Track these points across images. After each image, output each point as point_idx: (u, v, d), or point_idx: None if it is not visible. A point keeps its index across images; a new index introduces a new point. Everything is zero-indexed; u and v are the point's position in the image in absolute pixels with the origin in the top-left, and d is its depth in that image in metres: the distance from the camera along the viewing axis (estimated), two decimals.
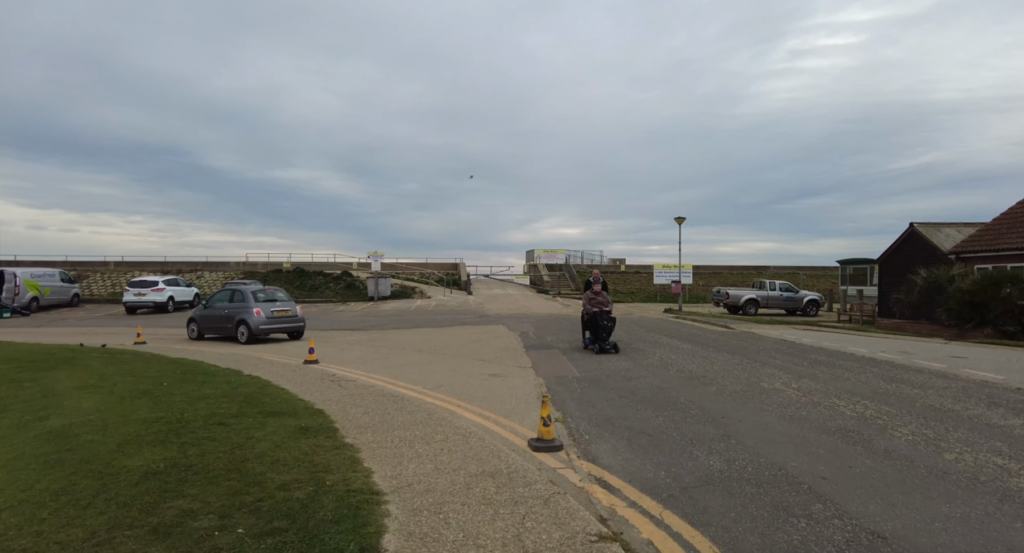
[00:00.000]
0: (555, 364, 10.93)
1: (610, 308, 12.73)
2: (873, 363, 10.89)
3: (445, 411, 6.91)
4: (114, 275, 37.51)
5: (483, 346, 13.86)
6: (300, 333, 16.66)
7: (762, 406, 7.16)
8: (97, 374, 8.37)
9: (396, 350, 13.33)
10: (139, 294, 27.34)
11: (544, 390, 8.42)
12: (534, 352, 12.65)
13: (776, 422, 6.35)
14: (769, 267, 45.90)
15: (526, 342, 14.45)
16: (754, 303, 28.73)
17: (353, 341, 15.43)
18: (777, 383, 8.72)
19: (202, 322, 16.74)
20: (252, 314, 15.53)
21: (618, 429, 6.16)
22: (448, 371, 10.22)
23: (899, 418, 6.49)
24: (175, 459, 4.43)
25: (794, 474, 4.62)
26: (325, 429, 5.73)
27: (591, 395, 8.01)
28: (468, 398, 7.83)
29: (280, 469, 4.35)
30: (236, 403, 6.70)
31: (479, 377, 9.55)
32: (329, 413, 6.57)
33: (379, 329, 18.94)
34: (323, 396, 7.71)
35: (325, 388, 8.37)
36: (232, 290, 16.86)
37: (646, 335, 16.16)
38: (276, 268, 40.06)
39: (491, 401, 7.64)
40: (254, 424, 5.74)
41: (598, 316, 12.39)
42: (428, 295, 36.57)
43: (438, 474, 4.47)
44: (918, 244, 25.04)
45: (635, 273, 43.84)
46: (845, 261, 31.63)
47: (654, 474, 4.70)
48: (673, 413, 6.84)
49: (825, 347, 13.45)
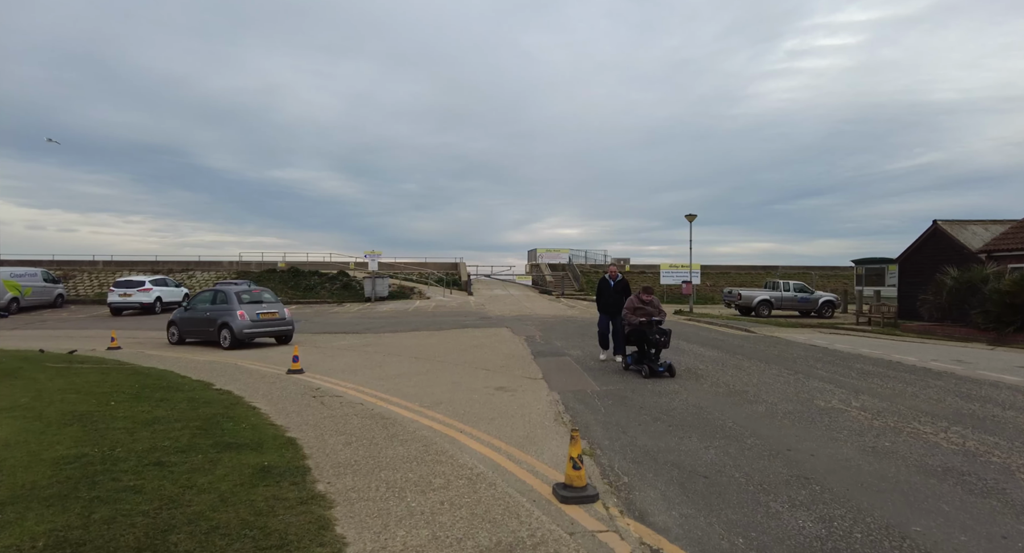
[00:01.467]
0: (569, 375, 9.68)
1: (662, 318, 9.79)
2: (932, 375, 9.64)
3: (445, 440, 5.66)
4: (102, 275, 36.22)
5: (486, 352, 12.62)
6: (289, 337, 15.41)
7: (830, 433, 5.92)
8: (34, 391, 7.12)
9: (391, 357, 12.09)
10: (124, 295, 26.08)
11: (561, 408, 7.18)
12: (543, 360, 11.41)
13: (859, 457, 5.10)
14: (778, 267, 44.68)
15: (533, 348, 13.21)
16: (767, 304, 27.50)
17: (345, 346, 14.19)
18: (834, 400, 7.47)
19: (183, 325, 15.49)
20: (235, 317, 14.29)
21: (662, 466, 4.92)
22: (448, 383, 8.98)
23: (1017, 453, 5.24)
24: (66, 532, 3.15)
25: (929, 548, 3.38)
26: (293, 470, 4.48)
27: (618, 416, 6.76)
28: (472, 420, 6.59)
29: (216, 546, 3.10)
30: (189, 431, 5.45)
31: (484, 391, 8.31)
32: (302, 444, 5.33)
33: (374, 332, 17.70)
34: (300, 418, 6.46)
35: (304, 407, 7.12)
36: (215, 291, 15.61)
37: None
38: (270, 268, 38.80)
39: (500, 424, 6.40)
40: (202, 463, 4.49)
41: (647, 329, 9.49)
42: (427, 296, 35.32)
43: (437, 548, 3.23)
44: (942, 242, 23.81)
45: (640, 273, 42.57)
46: (860, 261, 30.32)
47: (730, 544, 3.46)
48: (725, 443, 5.60)
49: (865, 354, 12.20)
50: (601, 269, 44.27)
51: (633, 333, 9.78)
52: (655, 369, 9.23)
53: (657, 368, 9.23)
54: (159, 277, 28.49)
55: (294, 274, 36.93)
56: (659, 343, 9.41)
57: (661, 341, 9.43)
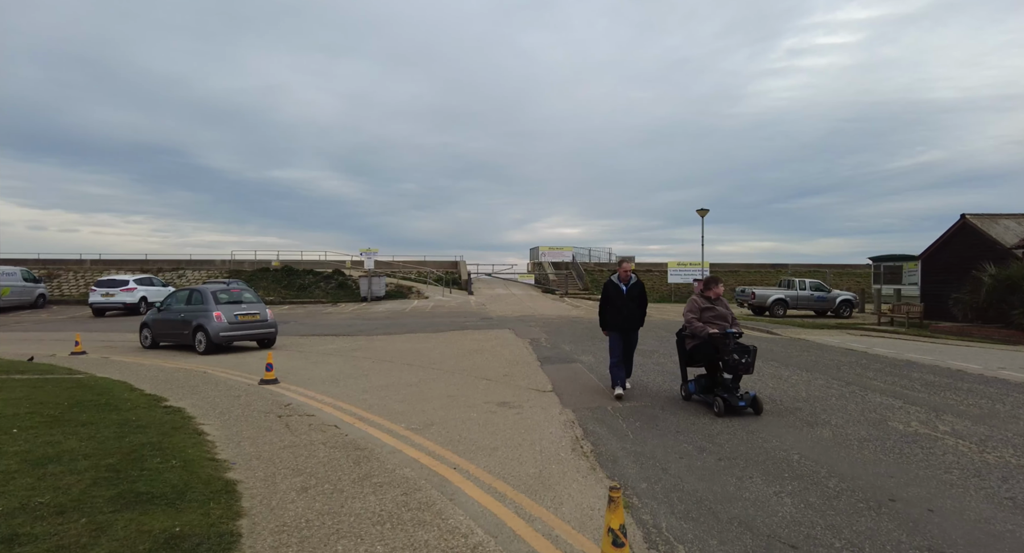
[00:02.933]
0: (583, 387, 8.35)
1: (738, 329, 6.91)
2: (1015, 388, 8.26)
3: (433, 482, 4.34)
4: (89, 274, 34.91)
5: (487, 358, 11.30)
6: (271, 340, 14.08)
7: (935, 472, 4.57)
8: None
9: (380, 364, 10.77)
10: (107, 294, 24.76)
11: (578, 432, 5.86)
12: (551, 367, 10.08)
13: (1002, 515, 3.76)
14: (788, 265, 43.29)
15: (539, 353, 11.88)
16: (783, 304, 26.12)
17: (332, 350, 12.87)
18: (914, 422, 6.12)
19: (156, 328, 14.17)
20: (211, 319, 12.96)
21: (727, 526, 3.59)
22: (442, 397, 7.65)
23: None
24: None
25: None
26: (214, 540, 3.16)
27: (652, 444, 5.43)
28: (469, 449, 5.27)
29: None
30: (92, 474, 4.13)
31: (484, 408, 6.98)
32: (243, 490, 4.01)
33: (366, 335, 16.37)
34: (253, 449, 5.14)
35: (265, 430, 5.80)
36: (190, 290, 14.28)
37: None
38: (264, 266, 37.48)
39: (504, 456, 5.08)
40: (80, 534, 3.16)
41: (721, 344, 6.63)
42: (426, 295, 33.99)
43: None
44: (971, 238, 22.42)
45: (646, 272, 41.19)
46: (878, 258, 28.95)
47: None
48: (800, 487, 4.26)
49: (916, 361, 10.84)
50: (607, 269, 42.75)
51: (700, 350, 6.88)
52: (734, 404, 6.41)
53: (737, 402, 6.42)
54: (144, 276, 27.16)
55: (288, 273, 35.60)
56: (739, 366, 6.54)
57: (742, 364, 6.53)
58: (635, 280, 7.77)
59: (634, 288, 7.71)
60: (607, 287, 7.78)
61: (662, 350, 12.05)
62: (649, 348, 12.42)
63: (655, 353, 11.67)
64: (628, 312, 7.62)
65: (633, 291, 7.69)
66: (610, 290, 7.74)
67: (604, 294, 7.79)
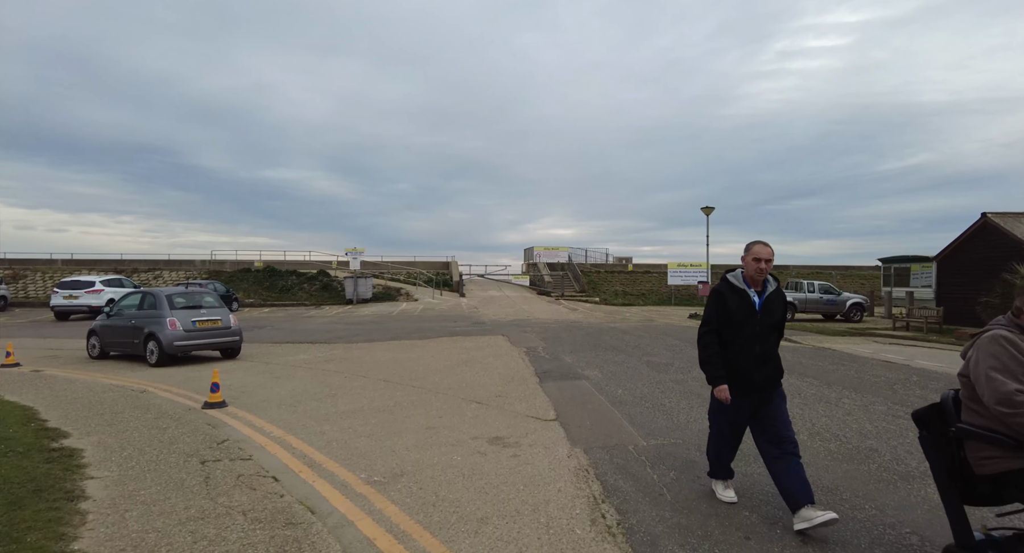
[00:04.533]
0: (594, 415, 6.86)
1: None
2: None
3: None
4: (59, 275, 33.05)
5: (478, 372, 9.79)
6: (235, 350, 12.50)
7: None
8: None
9: (353, 380, 9.24)
10: (70, 296, 23.01)
11: (596, 489, 4.37)
12: (553, 385, 8.60)
13: None
14: (790, 266, 42.05)
15: (537, 366, 10.39)
16: (791, 307, 24.76)
17: (302, 363, 11.31)
18: None
19: (105, 336, 12.54)
20: (164, 326, 11.37)
21: None
22: (420, 430, 6.14)
23: None
24: None
25: None
26: None
27: (703, 512, 3.94)
28: (449, 521, 3.76)
29: None
30: None
31: (471, 447, 5.48)
32: None
33: (346, 342, 14.82)
34: (139, 526, 3.61)
35: (173, 489, 4.27)
36: (143, 293, 12.67)
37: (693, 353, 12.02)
38: (246, 267, 35.74)
39: (497, 532, 3.58)
40: None
41: None
42: (415, 297, 32.42)
43: None
44: (993, 237, 21.11)
45: (644, 273, 39.85)
46: (888, 259, 27.67)
47: None
48: None
49: None
50: (605, 269, 41.29)
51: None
52: None
53: None
54: (112, 277, 25.39)
55: (270, 274, 33.92)
56: None
57: None
58: (775, 288, 3.97)
59: (772, 300, 3.92)
60: (720, 297, 3.94)
61: (677, 363, 10.58)
62: (662, 360, 10.96)
63: (670, 367, 10.21)
64: (763, 349, 3.82)
65: (771, 306, 3.91)
66: (730, 302, 3.88)
67: (716, 309, 3.94)
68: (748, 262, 3.90)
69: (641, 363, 10.63)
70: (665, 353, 11.95)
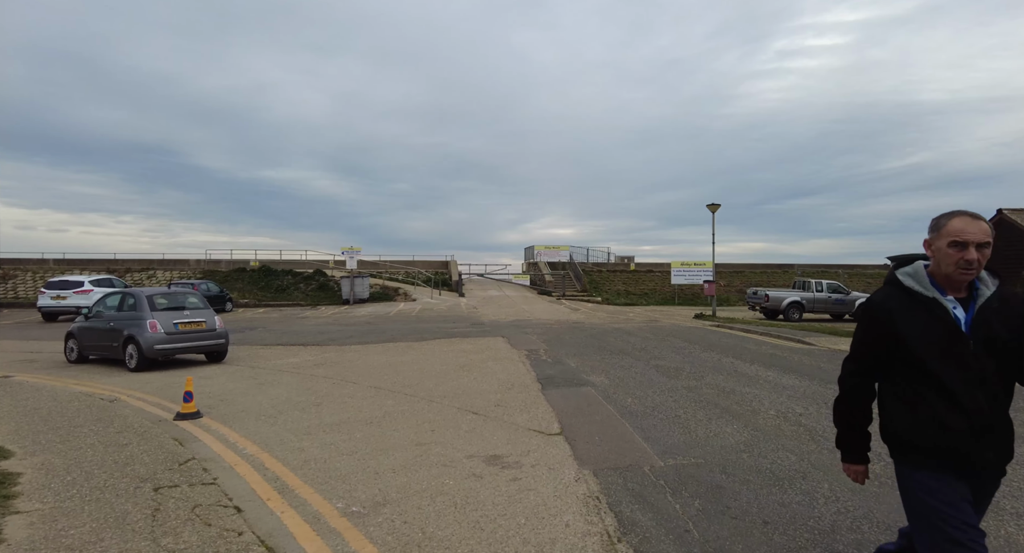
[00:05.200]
0: (603, 428, 6.21)
1: None
2: None
3: None
4: (50, 274, 32.44)
5: (476, 378, 9.14)
6: (221, 353, 11.86)
7: None
8: None
9: (342, 387, 8.60)
10: (58, 297, 22.41)
11: (611, 523, 3.73)
12: (556, 392, 7.95)
13: None
14: (795, 265, 41.40)
15: (539, 371, 9.74)
16: (798, 307, 24.05)
17: (291, 366, 10.67)
18: None
19: (83, 338, 11.90)
20: (145, 329, 10.73)
21: None
22: (410, 446, 5.50)
23: None
24: None
25: None
26: None
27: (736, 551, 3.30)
28: None
29: None
30: None
31: (466, 468, 4.83)
32: None
33: (339, 344, 14.18)
34: None
35: (111, 526, 3.63)
36: (123, 293, 12.03)
37: (704, 356, 11.46)
38: (241, 266, 35.10)
39: None
40: None
41: None
42: (413, 297, 31.78)
43: None
44: (1010, 233, 20.48)
45: (647, 272, 39.19)
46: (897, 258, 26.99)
47: None
48: None
49: None
50: (606, 269, 40.65)
51: None
52: None
53: None
54: (102, 277, 24.75)
55: (266, 273, 33.30)
56: None
57: None
58: (992, 289, 2.18)
59: (994, 316, 2.14)
60: (882, 314, 2.26)
61: (688, 368, 9.93)
62: (671, 364, 10.32)
63: (680, 372, 9.57)
64: (987, 392, 2.12)
65: (994, 325, 2.13)
66: (908, 321, 2.18)
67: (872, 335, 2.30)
68: (941, 250, 2.16)
69: (649, 368, 9.99)
70: (674, 356, 11.30)
